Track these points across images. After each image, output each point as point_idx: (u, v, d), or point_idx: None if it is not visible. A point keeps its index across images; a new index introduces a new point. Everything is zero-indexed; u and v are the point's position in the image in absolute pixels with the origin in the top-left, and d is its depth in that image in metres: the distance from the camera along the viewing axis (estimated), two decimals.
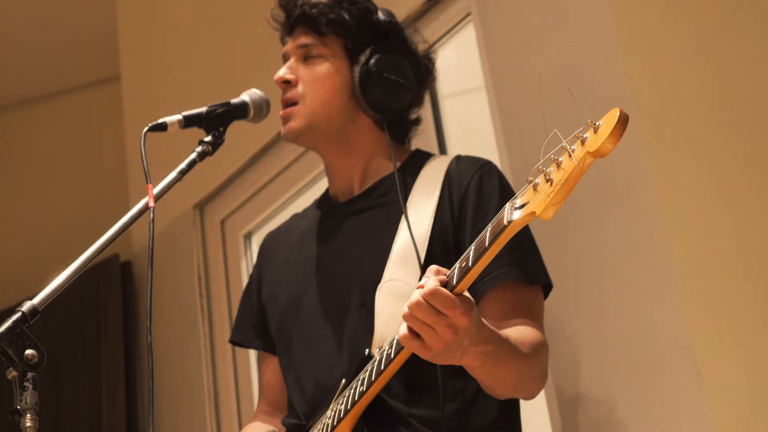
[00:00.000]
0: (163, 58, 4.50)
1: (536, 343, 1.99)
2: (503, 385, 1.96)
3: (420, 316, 1.70)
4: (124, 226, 1.88)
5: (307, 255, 2.28)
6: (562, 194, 1.48)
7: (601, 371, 2.48)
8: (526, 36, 2.81)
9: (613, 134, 1.43)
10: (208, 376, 3.83)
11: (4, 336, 1.62)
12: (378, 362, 1.89)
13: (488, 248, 1.63)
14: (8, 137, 5.73)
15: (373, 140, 2.28)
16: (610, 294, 2.48)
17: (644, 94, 2.52)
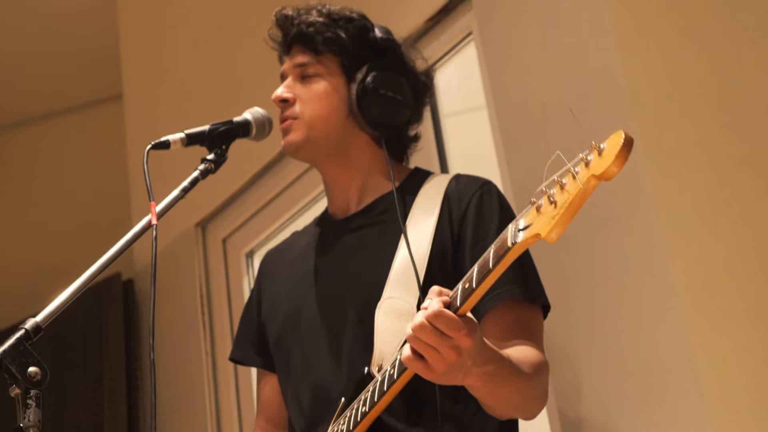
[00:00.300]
0: (164, 77, 4.52)
1: (537, 363, 2.00)
2: (504, 405, 1.96)
3: (424, 338, 1.70)
4: (126, 244, 1.88)
5: (306, 271, 2.28)
6: (567, 217, 1.49)
7: (603, 392, 2.47)
8: (527, 54, 2.82)
9: (618, 158, 1.43)
10: (210, 394, 3.83)
11: (7, 353, 1.62)
12: (380, 382, 1.89)
13: (492, 270, 1.63)
14: (11, 156, 5.75)
15: (372, 157, 2.29)
16: (612, 313, 2.48)
17: (644, 110, 2.52)
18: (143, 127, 4.58)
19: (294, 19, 2.29)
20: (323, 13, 2.28)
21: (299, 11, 2.30)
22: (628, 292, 2.46)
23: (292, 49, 2.31)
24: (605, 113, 2.55)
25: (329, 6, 2.31)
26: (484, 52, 2.97)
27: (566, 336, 2.55)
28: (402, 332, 2.01)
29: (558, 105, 2.70)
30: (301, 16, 2.29)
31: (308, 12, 2.29)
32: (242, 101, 2.37)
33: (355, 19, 2.29)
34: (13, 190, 5.68)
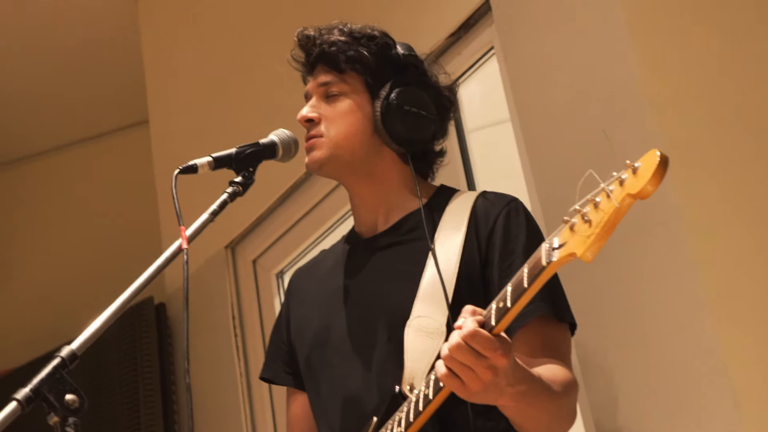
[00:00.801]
0: (189, 102, 4.54)
1: (567, 382, 2.01)
2: (535, 425, 1.96)
3: (460, 358, 1.71)
4: (158, 269, 1.90)
5: (334, 290, 2.29)
6: (603, 236, 1.50)
7: (638, 404, 2.46)
8: (549, 67, 2.82)
9: (654, 176, 1.45)
10: (245, 415, 3.84)
11: (44, 382, 1.64)
12: (415, 402, 1.89)
13: (527, 289, 1.65)
14: (39, 184, 5.79)
15: (398, 174, 2.29)
16: (644, 325, 2.47)
17: (668, 119, 2.52)
18: (169, 151, 4.61)
19: (316, 39, 2.30)
20: (345, 32, 2.29)
21: (321, 31, 2.31)
22: (658, 303, 2.45)
23: (316, 69, 2.32)
24: (628, 123, 2.55)
25: (350, 25, 2.31)
26: (506, 65, 2.97)
27: (600, 348, 2.54)
28: (432, 350, 2.02)
29: (581, 116, 2.71)
30: (323, 35, 2.29)
31: (330, 31, 2.30)
32: (266, 123, 2.39)
33: (377, 37, 2.30)
34: (42, 217, 5.72)
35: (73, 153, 5.80)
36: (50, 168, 5.82)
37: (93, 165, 5.74)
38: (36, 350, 4.79)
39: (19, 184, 5.83)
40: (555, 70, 2.81)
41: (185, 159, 2.10)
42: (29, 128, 5.67)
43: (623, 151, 2.53)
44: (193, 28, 4.60)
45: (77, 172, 5.75)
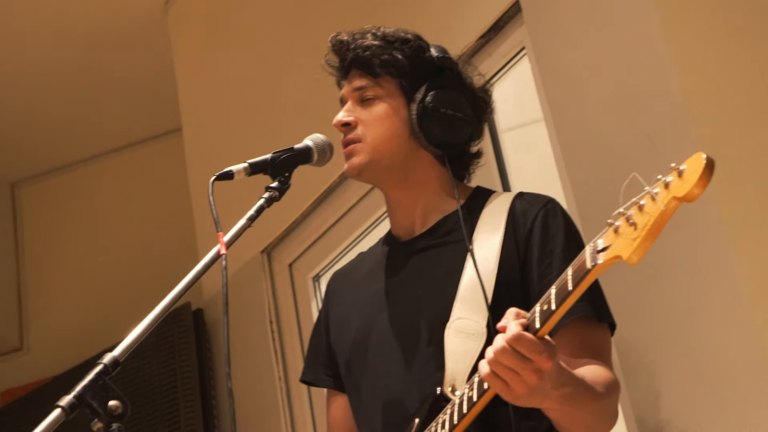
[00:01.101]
0: (221, 108, 4.57)
1: (609, 383, 2.00)
2: (578, 426, 1.96)
3: (505, 362, 1.72)
4: (198, 275, 1.91)
5: (373, 294, 2.29)
6: (649, 239, 1.50)
7: (681, 399, 2.46)
8: (581, 65, 2.82)
9: (701, 179, 1.45)
10: (285, 418, 3.85)
11: (87, 388, 1.66)
12: (459, 405, 1.90)
13: (572, 291, 1.65)
14: (76, 194, 5.85)
15: (435, 176, 2.29)
16: (685, 320, 2.47)
17: (702, 113, 2.51)
18: (203, 158, 4.63)
19: (350, 44, 2.30)
20: (378, 36, 2.29)
21: (354, 35, 2.31)
22: (698, 299, 2.44)
23: (350, 74, 2.32)
24: (663, 120, 2.55)
25: (384, 28, 2.31)
26: (538, 65, 2.97)
27: (640, 345, 2.54)
28: (472, 352, 2.02)
29: (615, 114, 2.70)
30: (357, 40, 2.30)
31: (363, 36, 2.30)
32: (298, 129, 2.39)
33: (411, 40, 2.30)
34: (79, 227, 5.77)
35: (107, 162, 5.85)
36: (86, 178, 5.87)
37: (128, 174, 5.78)
38: (75, 358, 4.83)
39: (58, 193, 5.89)
40: (587, 69, 2.81)
41: (218, 166, 2.12)
42: (65, 139, 5.72)
43: (659, 149, 2.53)
44: (223, 34, 4.62)
45: (113, 181, 5.80)
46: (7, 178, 5.92)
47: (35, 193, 5.94)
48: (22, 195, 5.95)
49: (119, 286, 5.43)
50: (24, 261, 5.80)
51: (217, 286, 4.27)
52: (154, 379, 4.40)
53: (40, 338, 5.63)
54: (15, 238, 5.84)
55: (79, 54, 5.23)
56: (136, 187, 5.73)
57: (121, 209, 5.71)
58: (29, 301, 5.71)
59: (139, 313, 1.85)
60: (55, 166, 5.89)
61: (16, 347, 5.63)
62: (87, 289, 5.58)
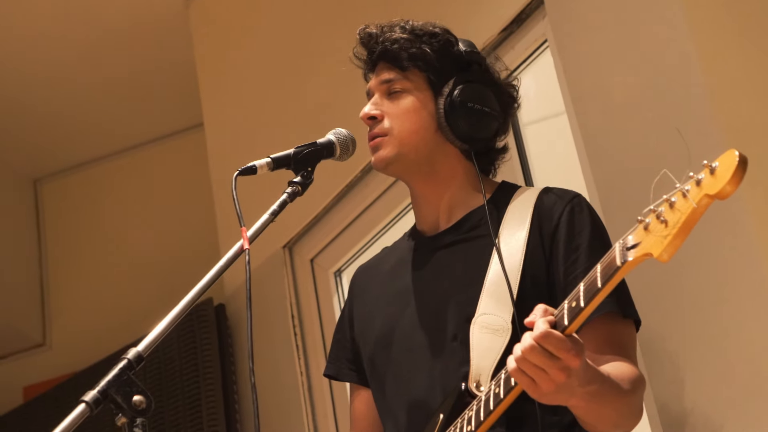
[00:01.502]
0: (243, 103, 4.57)
1: (634, 379, 2.00)
2: (604, 423, 1.96)
3: (533, 360, 1.72)
4: (220, 270, 1.91)
5: (398, 289, 2.29)
6: (680, 237, 1.50)
7: (704, 389, 2.45)
8: (604, 58, 2.81)
9: (735, 177, 1.45)
10: (307, 414, 3.85)
11: (111, 383, 1.66)
12: (485, 401, 1.89)
13: (601, 289, 1.64)
14: (98, 190, 5.87)
15: (461, 171, 2.29)
16: (708, 311, 2.46)
17: (728, 109, 2.50)
18: (225, 153, 4.64)
19: (378, 37, 2.30)
20: (407, 30, 2.29)
21: (383, 28, 2.31)
22: (723, 292, 2.44)
23: (378, 67, 2.32)
24: (687, 114, 2.53)
25: (412, 22, 2.31)
26: (561, 58, 2.96)
27: (665, 335, 2.53)
28: (497, 348, 2.02)
29: (638, 107, 2.69)
30: (385, 33, 2.29)
31: (392, 29, 2.30)
32: (320, 123, 2.39)
33: (439, 34, 2.30)
34: (101, 223, 5.79)
35: (129, 158, 5.87)
36: (109, 174, 5.89)
37: (149, 170, 5.80)
38: (98, 354, 4.85)
39: (80, 190, 5.91)
40: (609, 62, 2.80)
41: (240, 161, 2.12)
42: (87, 135, 5.75)
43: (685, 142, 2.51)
44: (245, 29, 4.63)
45: (135, 177, 5.81)
46: (30, 174, 5.95)
47: (58, 189, 5.96)
48: (44, 191, 5.98)
49: (141, 282, 5.45)
50: (47, 257, 5.82)
51: (239, 282, 4.30)
52: (176, 374, 4.41)
53: (62, 334, 5.65)
54: (38, 235, 5.86)
55: (101, 51, 5.25)
56: (158, 183, 5.75)
57: (143, 205, 5.73)
58: (52, 297, 5.73)
59: (161, 309, 1.85)
60: (77, 162, 5.91)
61: (38, 343, 5.65)
62: (109, 285, 5.60)
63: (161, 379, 4.44)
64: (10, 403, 5.32)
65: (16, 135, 5.65)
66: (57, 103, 5.52)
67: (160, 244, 5.55)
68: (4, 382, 5.62)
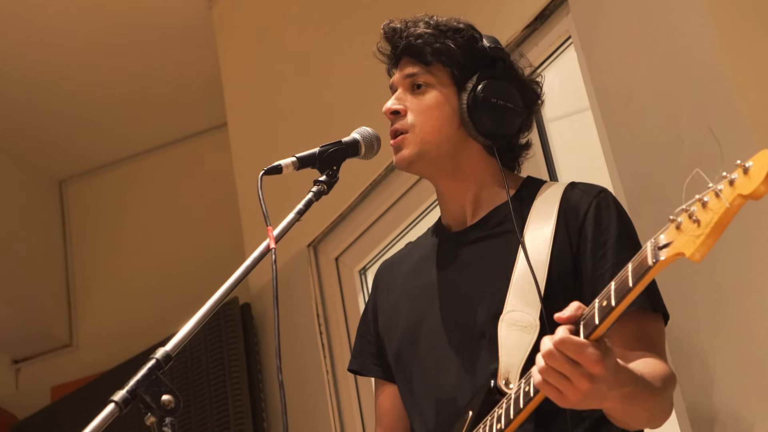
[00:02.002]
0: (266, 102, 4.58)
1: (665, 376, 1.99)
2: (636, 421, 1.96)
3: (554, 365, 1.70)
4: (247, 269, 1.92)
5: (423, 285, 2.29)
6: (713, 237, 1.49)
7: (733, 386, 2.44)
8: (628, 54, 2.80)
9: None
10: (333, 412, 3.86)
11: (140, 383, 1.67)
12: (515, 399, 1.88)
13: (632, 288, 1.63)
14: (123, 190, 5.89)
15: (485, 167, 2.28)
16: (738, 308, 2.45)
17: (755, 104, 2.49)
18: (248, 153, 4.65)
19: (402, 32, 2.30)
20: (431, 25, 2.29)
21: (407, 23, 2.31)
22: (750, 284, 2.42)
23: (401, 62, 2.32)
24: (712, 109, 2.52)
25: (437, 17, 2.31)
26: (585, 54, 2.95)
27: (694, 331, 2.52)
28: (526, 345, 2.01)
29: (663, 102, 2.68)
30: (410, 28, 2.29)
31: (416, 24, 2.30)
32: (346, 122, 2.39)
33: (463, 30, 2.29)
34: (126, 223, 5.82)
35: (154, 159, 5.89)
36: (134, 174, 5.91)
37: (174, 170, 5.82)
38: (124, 354, 4.87)
39: (106, 190, 5.94)
40: (634, 58, 2.78)
41: (264, 161, 2.12)
42: (112, 136, 5.77)
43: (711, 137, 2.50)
44: (267, 28, 4.63)
45: (160, 177, 5.83)
46: (56, 175, 5.98)
47: (83, 190, 5.99)
48: (70, 192, 6.01)
49: (167, 282, 5.46)
50: (72, 258, 5.85)
51: (264, 281, 4.31)
52: (203, 374, 4.42)
53: (89, 335, 5.68)
54: (64, 235, 5.89)
55: (125, 52, 5.28)
56: (183, 183, 5.76)
57: (168, 205, 5.75)
58: (78, 298, 5.76)
59: (187, 309, 1.86)
60: (102, 163, 5.94)
61: (65, 343, 5.68)
62: (135, 286, 5.62)
63: (188, 379, 4.45)
64: (38, 404, 5.35)
65: (41, 137, 5.69)
66: (81, 105, 5.55)
67: (185, 244, 5.57)
68: (32, 383, 5.66)
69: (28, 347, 5.69)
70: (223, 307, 4.26)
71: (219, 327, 4.39)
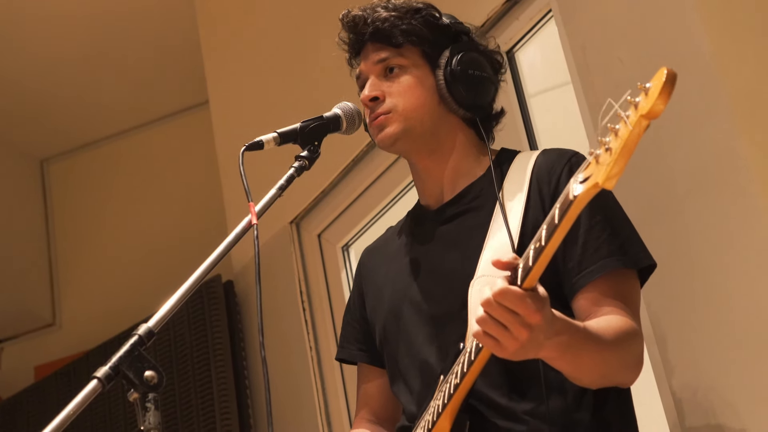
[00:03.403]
0: (248, 79, 4.57)
1: (623, 330, 1.97)
2: (589, 375, 1.95)
3: (494, 314, 1.72)
4: (229, 245, 1.92)
5: (405, 265, 2.30)
6: (622, 161, 1.50)
7: (713, 358, 2.45)
8: (609, 28, 2.80)
9: (662, 94, 1.45)
10: (317, 389, 3.87)
11: (123, 359, 1.67)
12: (468, 353, 1.91)
13: (558, 225, 1.64)
14: (105, 169, 5.88)
15: (463, 140, 2.29)
16: (715, 279, 2.46)
17: (733, 75, 2.49)
18: (230, 130, 4.64)
19: (366, 19, 2.29)
20: (390, 8, 2.29)
21: (366, 10, 2.30)
22: (728, 256, 2.44)
23: (365, 49, 2.31)
24: (693, 82, 2.53)
25: (393, 1, 2.31)
26: (565, 28, 2.95)
27: (673, 305, 2.54)
28: None
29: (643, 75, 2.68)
30: (372, 14, 2.29)
31: (375, 10, 2.29)
32: (325, 99, 2.39)
33: (423, 9, 2.30)
34: (108, 202, 5.81)
35: (135, 137, 5.88)
36: (115, 153, 5.90)
37: (156, 148, 5.81)
38: (108, 333, 4.87)
39: (87, 169, 5.93)
40: (614, 31, 2.79)
41: (246, 137, 2.12)
42: (93, 115, 5.77)
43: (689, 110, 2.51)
44: (248, 6, 4.62)
45: (141, 156, 5.83)
46: (37, 155, 5.96)
47: (64, 169, 5.98)
48: (51, 172, 6.00)
49: (150, 260, 5.47)
50: (55, 237, 5.85)
51: (247, 258, 4.31)
52: (186, 351, 4.43)
53: (72, 313, 5.68)
54: (45, 215, 5.89)
55: (105, 29, 5.26)
56: (165, 161, 5.76)
57: (150, 183, 5.74)
58: (61, 277, 5.76)
59: (170, 287, 1.86)
60: (84, 142, 5.93)
61: (48, 323, 5.69)
62: (117, 264, 5.62)
63: (172, 356, 4.46)
64: (22, 383, 5.36)
65: (22, 116, 5.67)
66: (62, 84, 5.53)
67: (167, 222, 5.57)
68: (16, 362, 5.66)
69: (11, 327, 5.69)
70: (206, 285, 4.32)
71: (202, 305, 4.39)
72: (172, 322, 1.81)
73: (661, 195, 2.59)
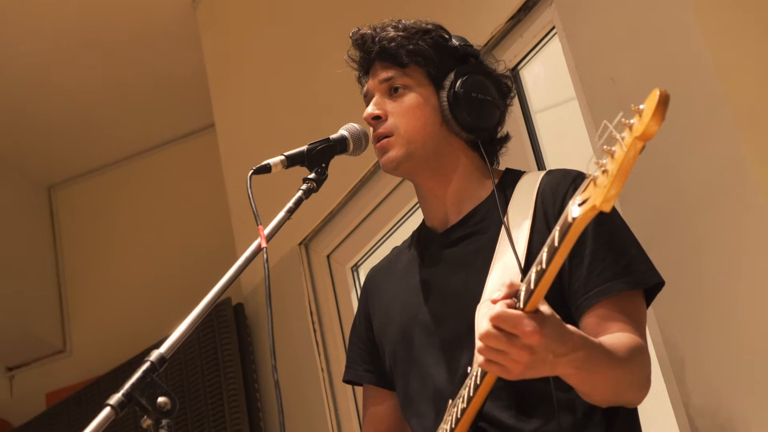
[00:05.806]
0: (253, 102, 4.58)
1: (633, 348, 1.97)
2: (602, 392, 1.95)
3: (492, 344, 1.72)
4: (239, 269, 1.92)
5: (413, 288, 2.29)
6: (618, 183, 1.50)
7: (725, 374, 2.45)
8: (613, 44, 2.81)
9: (655, 115, 1.46)
10: (329, 410, 3.86)
11: (136, 386, 1.67)
12: (474, 377, 1.91)
13: (558, 248, 1.65)
14: (112, 195, 5.89)
15: (467, 162, 2.29)
16: (721, 293, 2.46)
17: (735, 89, 2.49)
18: (237, 153, 4.65)
19: (374, 37, 2.30)
20: (399, 28, 2.30)
21: (376, 29, 2.31)
22: (734, 269, 2.44)
23: (373, 68, 2.32)
24: (696, 96, 2.53)
25: (403, 21, 2.32)
26: (569, 45, 2.96)
27: (687, 326, 2.53)
28: None
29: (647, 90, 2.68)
30: (380, 33, 2.30)
31: (384, 29, 2.30)
32: (331, 121, 2.39)
33: (432, 30, 2.31)
34: (116, 227, 5.82)
35: (142, 162, 5.89)
36: (122, 178, 5.91)
37: (163, 173, 5.82)
38: (118, 358, 4.87)
39: (95, 195, 5.94)
40: (618, 47, 2.79)
41: (253, 160, 2.13)
42: (100, 141, 5.78)
43: (693, 123, 2.51)
44: (252, 28, 4.63)
45: (149, 180, 5.84)
46: (44, 181, 5.98)
47: (72, 195, 5.99)
48: (58, 198, 6.01)
49: (158, 285, 5.47)
50: (63, 264, 5.85)
51: (256, 281, 4.31)
52: (198, 375, 4.43)
53: (82, 340, 5.68)
54: (54, 241, 5.89)
55: (111, 56, 5.28)
56: (172, 186, 5.77)
57: (158, 208, 5.75)
58: (70, 303, 5.76)
59: (180, 311, 1.86)
60: (91, 168, 5.95)
61: (59, 349, 5.68)
62: (127, 289, 5.62)
63: (183, 380, 4.46)
64: (33, 410, 5.35)
65: (29, 142, 5.69)
66: (68, 110, 5.55)
67: (175, 246, 5.57)
68: (27, 389, 5.66)
69: (21, 354, 5.69)
70: (216, 307, 4.31)
71: (213, 328, 4.39)
72: (182, 346, 1.81)
73: (670, 210, 2.59)
